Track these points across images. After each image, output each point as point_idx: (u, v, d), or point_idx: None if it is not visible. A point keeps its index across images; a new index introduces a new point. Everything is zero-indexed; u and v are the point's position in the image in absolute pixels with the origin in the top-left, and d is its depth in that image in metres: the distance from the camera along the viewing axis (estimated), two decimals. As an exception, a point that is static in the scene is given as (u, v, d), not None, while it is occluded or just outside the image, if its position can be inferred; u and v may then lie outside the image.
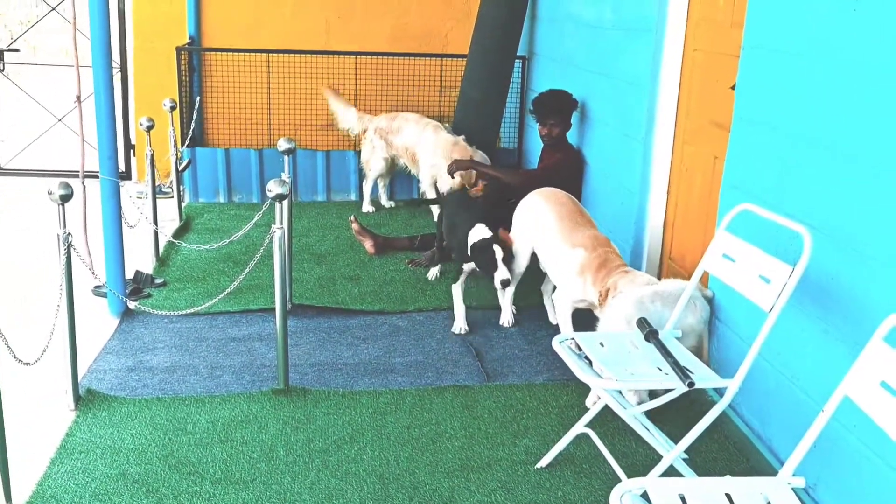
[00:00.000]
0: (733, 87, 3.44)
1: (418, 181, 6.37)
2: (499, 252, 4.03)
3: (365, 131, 6.38)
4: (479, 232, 4.15)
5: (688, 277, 3.86)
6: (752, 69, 3.21)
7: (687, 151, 4.16)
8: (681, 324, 3.20)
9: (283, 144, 4.39)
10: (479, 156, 5.83)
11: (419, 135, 6.10)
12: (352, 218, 5.44)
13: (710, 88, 3.91)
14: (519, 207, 4.30)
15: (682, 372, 2.57)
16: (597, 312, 3.60)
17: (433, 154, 6.01)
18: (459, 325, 4.21)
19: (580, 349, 2.82)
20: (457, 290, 4.31)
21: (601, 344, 2.82)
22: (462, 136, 5.97)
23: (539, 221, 4.07)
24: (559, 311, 3.83)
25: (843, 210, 2.66)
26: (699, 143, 4.03)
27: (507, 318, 4.31)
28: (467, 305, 4.39)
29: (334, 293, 4.67)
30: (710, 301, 3.37)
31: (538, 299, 4.53)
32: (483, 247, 4.06)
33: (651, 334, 2.81)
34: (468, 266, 4.27)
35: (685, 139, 4.18)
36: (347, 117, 6.41)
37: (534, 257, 4.21)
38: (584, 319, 3.78)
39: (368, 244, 5.36)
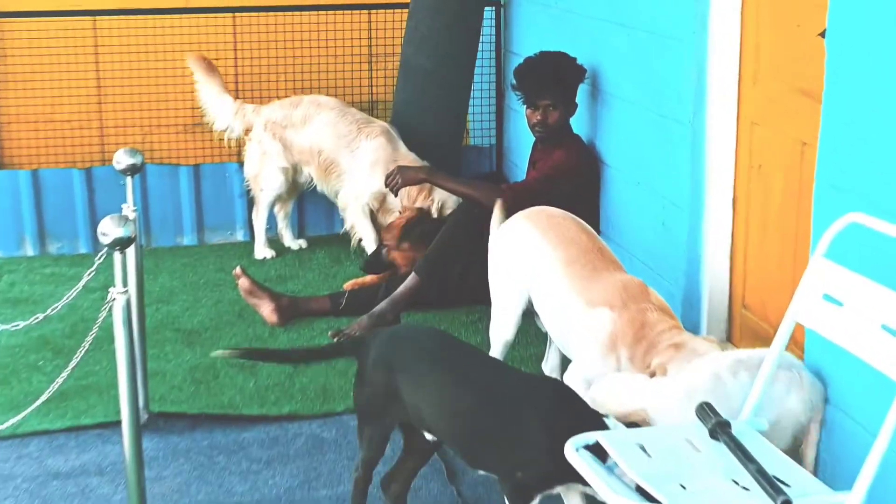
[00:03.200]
0: (823, 34, 3.48)
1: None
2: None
3: (250, 129, 6.39)
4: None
5: (771, 332, 3.87)
6: (851, 3, 3.26)
7: (759, 137, 4.20)
8: (772, 409, 3.20)
9: (123, 159, 4.35)
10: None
11: (349, 136, 6.11)
12: (237, 270, 5.42)
13: (789, 37, 3.96)
14: (496, 239, 4.30)
15: (772, 485, 2.55)
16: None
17: (370, 173, 6.02)
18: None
19: (607, 456, 2.80)
20: None
21: (641, 447, 2.81)
22: (426, 162, 5.98)
23: (534, 262, 4.07)
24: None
25: None
26: (777, 122, 4.06)
27: None
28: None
29: (217, 391, 4.63)
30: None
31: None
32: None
33: (720, 427, 2.79)
34: None
35: (755, 118, 4.22)
36: (220, 109, 6.41)
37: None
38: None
39: (267, 309, 5.34)
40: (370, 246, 6.10)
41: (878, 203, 3.12)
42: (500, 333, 4.27)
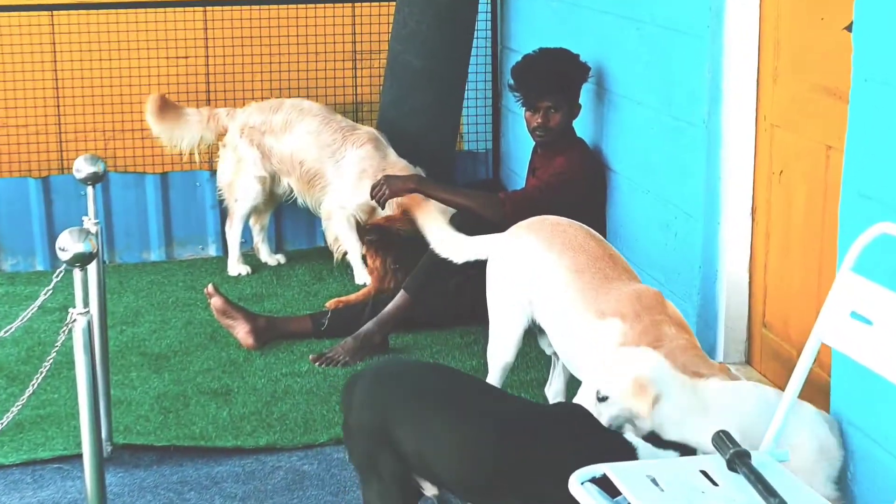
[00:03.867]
0: (849, 28, 3.50)
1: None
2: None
3: (223, 134, 6.40)
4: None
5: (794, 354, 3.88)
6: (878, -3, 3.28)
7: (780, 140, 4.22)
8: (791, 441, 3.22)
9: (84, 167, 4.36)
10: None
11: (334, 145, 6.12)
12: (210, 288, 5.41)
13: (812, 32, 3.98)
14: (496, 252, 4.31)
15: (798, 522, 2.56)
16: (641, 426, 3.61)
17: (357, 184, 6.03)
18: None
19: (616, 492, 2.80)
20: None
21: (653, 480, 2.82)
22: (419, 168, 6.01)
23: (538, 273, 4.08)
24: None
25: None
26: (799, 124, 4.08)
27: None
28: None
29: (187, 421, 4.62)
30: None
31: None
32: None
33: (739, 458, 2.80)
34: None
35: (775, 120, 4.24)
36: (186, 126, 6.39)
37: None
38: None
39: (242, 331, 5.34)
40: (356, 260, 6.11)
41: (910, 212, 3.14)
42: (499, 356, 4.27)
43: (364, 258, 5.88)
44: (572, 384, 4.38)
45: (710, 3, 4.34)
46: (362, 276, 6.09)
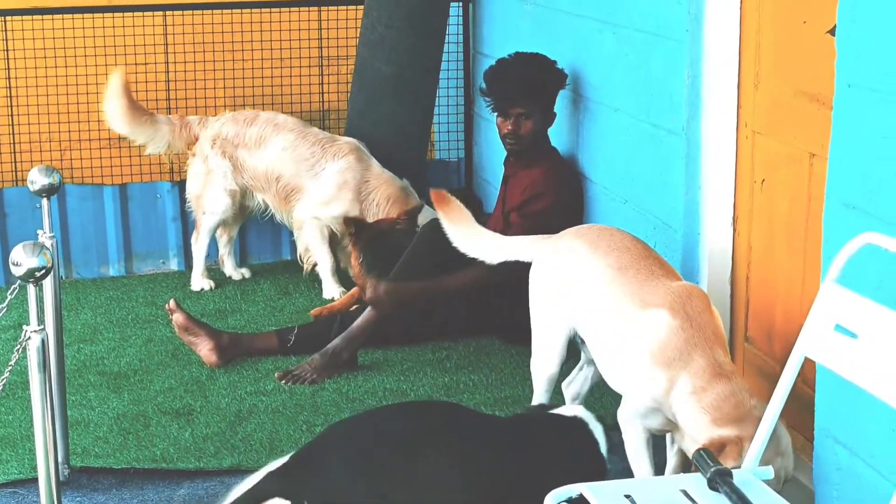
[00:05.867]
0: (832, 31, 3.52)
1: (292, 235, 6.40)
2: None
3: (192, 144, 6.38)
4: None
5: (777, 368, 3.90)
6: (861, -1, 3.29)
7: (761, 148, 4.23)
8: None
9: (38, 178, 4.34)
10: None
11: (312, 159, 6.12)
12: (170, 304, 5.39)
13: (793, 35, 4.00)
14: (540, 256, 4.28)
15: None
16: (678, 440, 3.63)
17: (336, 195, 6.03)
18: None
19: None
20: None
21: (631, 500, 2.82)
22: (405, 180, 6.04)
23: (581, 277, 4.05)
24: (626, 440, 3.79)
25: None
26: (781, 131, 4.10)
27: None
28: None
29: (147, 443, 4.61)
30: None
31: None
32: None
33: (720, 476, 2.81)
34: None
35: (756, 126, 4.26)
36: (156, 131, 6.37)
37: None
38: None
39: (205, 348, 5.33)
40: (325, 273, 6.11)
41: None
42: (543, 368, 4.24)
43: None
44: (598, 389, 4.41)
45: (690, 7, 4.36)
46: (331, 289, 6.09)
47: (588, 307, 4.00)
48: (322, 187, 6.12)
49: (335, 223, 6.10)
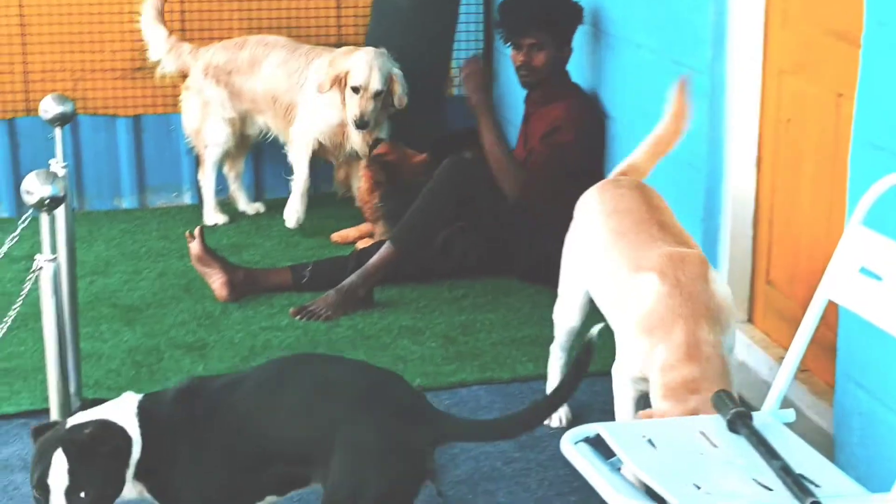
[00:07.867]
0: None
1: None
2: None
3: (185, 73, 6.39)
4: None
5: (799, 311, 3.90)
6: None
7: (788, 87, 4.23)
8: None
9: (51, 107, 4.37)
10: None
11: (298, 70, 6.15)
12: (196, 231, 5.38)
13: (824, -27, 3.98)
14: (576, 212, 4.17)
15: (799, 485, 2.58)
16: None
17: (316, 102, 6.05)
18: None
19: (611, 453, 2.83)
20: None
21: (649, 441, 2.84)
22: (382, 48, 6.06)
23: (588, 237, 4.00)
24: (616, 395, 3.78)
25: None
26: (809, 70, 4.09)
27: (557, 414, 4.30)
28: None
29: (160, 377, 4.63)
30: None
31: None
32: None
33: (740, 418, 2.83)
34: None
35: (783, 66, 4.25)
36: (156, 40, 6.40)
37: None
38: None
39: (218, 282, 5.35)
40: (296, 191, 6.17)
41: (923, 164, 3.16)
42: (564, 319, 4.22)
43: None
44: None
45: (716, -60, 4.34)
46: (291, 211, 6.20)
47: (591, 269, 3.99)
48: (307, 100, 6.12)
49: (325, 136, 6.12)
